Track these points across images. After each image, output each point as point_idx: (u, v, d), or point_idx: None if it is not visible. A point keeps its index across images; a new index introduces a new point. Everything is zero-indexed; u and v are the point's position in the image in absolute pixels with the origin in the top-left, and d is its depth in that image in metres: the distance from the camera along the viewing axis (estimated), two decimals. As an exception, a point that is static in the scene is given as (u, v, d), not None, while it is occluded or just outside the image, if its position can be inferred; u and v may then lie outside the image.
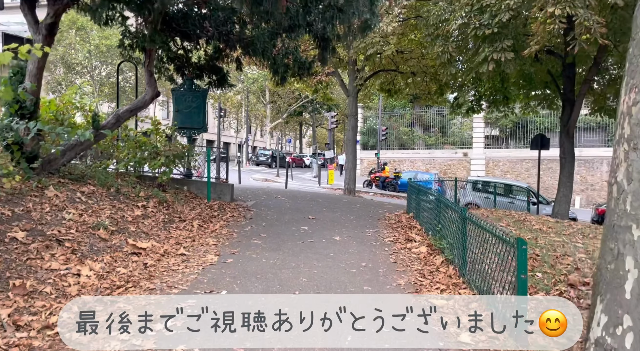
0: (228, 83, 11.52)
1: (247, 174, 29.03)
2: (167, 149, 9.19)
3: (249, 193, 11.62)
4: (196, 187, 10.02)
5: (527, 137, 31.13)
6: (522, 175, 29.80)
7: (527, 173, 29.67)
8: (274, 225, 8.01)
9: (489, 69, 11.11)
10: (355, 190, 17.81)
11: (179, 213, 8.09)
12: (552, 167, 29.08)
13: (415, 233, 7.59)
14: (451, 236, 5.76)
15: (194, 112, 10.48)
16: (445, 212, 6.29)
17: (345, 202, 11.71)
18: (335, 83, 21.22)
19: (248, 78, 37.12)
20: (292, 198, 11.52)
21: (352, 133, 17.91)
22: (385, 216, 9.74)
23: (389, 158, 32.36)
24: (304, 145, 67.01)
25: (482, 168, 30.67)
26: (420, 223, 8.16)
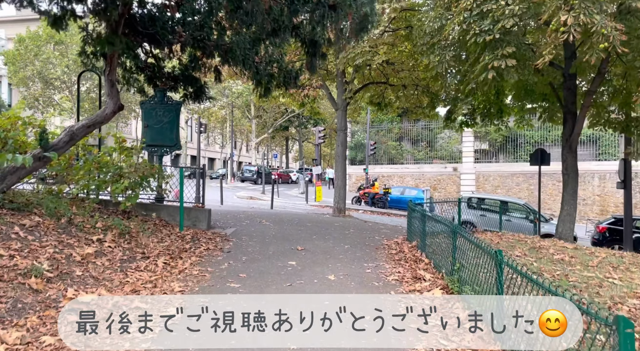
0: (206, 95, 10.27)
1: (231, 192, 27.61)
2: (133, 170, 7.86)
3: (229, 218, 10.29)
4: (168, 213, 8.68)
5: (517, 151, 30.37)
6: (512, 190, 28.91)
7: (518, 188, 28.80)
8: (256, 260, 6.70)
9: (489, 78, 10.07)
10: (345, 208, 16.57)
11: (142, 247, 6.74)
12: (543, 182, 28.23)
13: (422, 268, 6.35)
14: (478, 283, 4.52)
15: (166, 127, 9.19)
16: (467, 249, 5.07)
17: (337, 226, 10.44)
18: (322, 96, 20.12)
19: (232, 92, 35.93)
20: (278, 223, 10.22)
21: (342, 149, 16.74)
22: (383, 244, 8.50)
23: (377, 173, 31.26)
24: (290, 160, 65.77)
25: (473, 183, 29.73)
26: (427, 255, 6.93)
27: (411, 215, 8.66)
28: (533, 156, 15.58)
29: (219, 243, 7.63)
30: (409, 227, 8.90)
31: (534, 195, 28.59)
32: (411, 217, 8.67)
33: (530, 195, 28.35)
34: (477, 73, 10.59)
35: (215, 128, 46.50)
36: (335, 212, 16.27)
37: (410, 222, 8.81)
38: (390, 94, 19.17)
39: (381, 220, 19.29)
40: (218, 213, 10.74)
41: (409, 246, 7.84)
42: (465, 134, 30.28)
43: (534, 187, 28.56)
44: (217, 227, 9.03)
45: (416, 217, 8.18)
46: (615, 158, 27.97)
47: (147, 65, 9.79)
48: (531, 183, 28.55)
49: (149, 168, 8.20)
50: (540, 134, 29.53)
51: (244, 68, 9.27)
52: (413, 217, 8.48)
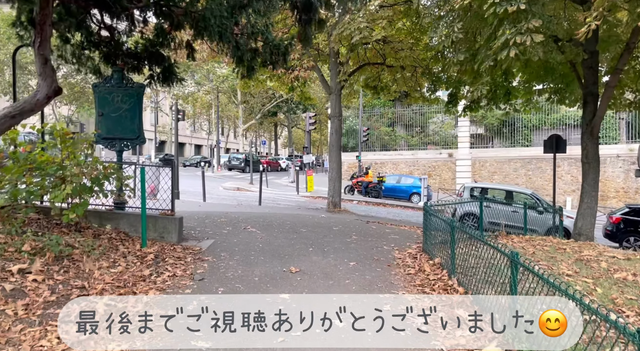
0: (176, 77, 8.37)
1: (217, 182, 25.72)
2: (79, 172, 6.01)
3: (208, 224, 8.47)
4: (129, 223, 6.86)
5: (515, 135, 28.81)
6: (510, 176, 27.44)
7: (515, 174, 27.32)
8: (236, 291, 4.96)
9: (512, 55, 8.35)
10: (340, 202, 14.87)
11: (85, 277, 4.95)
12: (541, 167, 26.79)
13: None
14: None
15: (125, 116, 7.31)
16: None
17: (337, 232, 8.69)
18: (314, 79, 18.22)
19: (217, 77, 33.72)
20: (267, 228, 8.44)
21: (336, 137, 14.95)
22: (395, 257, 6.80)
23: (370, 161, 29.55)
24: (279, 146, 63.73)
25: (469, 169, 28.20)
26: (460, 282, 5.23)
27: (429, 221, 6.95)
28: (547, 142, 13.94)
29: (190, 264, 5.85)
30: (425, 234, 7.20)
31: (532, 182, 27.17)
32: (429, 223, 6.96)
33: (528, 181, 26.92)
34: (495, 50, 8.86)
35: (201, 114, 44.26)
36: (330, 207, 14.57)
37: (427, 229, 7.10)
38: (387, 77, 17.35)
39: (378, 212, 17.65)
40: (194, 217, 8.92)
41: (430, 264, 6.13)
42: (461, 119, 28.62)
43: (532, 173, 27.13)
44: (190, 238, 7.23)
45: (437, 227, 6.46)
46: (616, 142, 26.59)
47: (102, 39, 7.85)
48: (529, 169, 27.10)
49: (104, 169, 6.35)
50: (538, 118, 27.99)
51: (220, 42, 7.39)
52: (432, 225, 6.77)
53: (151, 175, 13.12)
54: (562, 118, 27.81)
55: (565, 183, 26.44)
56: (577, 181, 26.54)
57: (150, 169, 13.16)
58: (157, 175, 13.26)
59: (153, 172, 13.03)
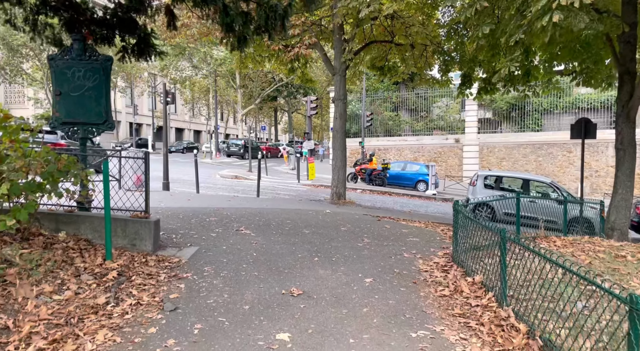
0: (154, 49, 6.91)
1: (214, 169, 24.32)
2: (22, 166, 4.63)
3: (194, 224, 7.09)
4: (93, 228, 5.49)
5: (525, 119, 27.28)
6: (519, 163, 26.03)
7: (525, 160, 25.90)
8: (219, 330, 3.61)
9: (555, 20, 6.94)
10: (345, 193, 13.50)
11: (14, 310, 3.60)
12: (552, 153, 25.34)
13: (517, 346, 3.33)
14: None
15: (90, 96, 5.87)
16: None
17: (345, 233, 7.30)
18: (316, 59, 16.70)
19: (215, 60, 32.06)
20: (263, 230, 7.07)
21: (340, 122, 13.50)
22: (420, 269, 5.45)
23: (373, 147, 28.11)
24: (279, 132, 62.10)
25: (476, 155, 26.76)
26: (515, 312, 3.87)
27: (462, 224, 5.56)
28: (575, 127, 12.48)
29: (163, 284, 4.49)
30: (456, 239, 5.82)
31: (542, 168, 25.74)
32: (462, 227, 5.58)
33: (538, 167, 25.50)
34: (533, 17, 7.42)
35: (199, 99, 42.64)
36: (334, 198, 13.21)
37: (458, 232, 5.73)
38: (395, 56, 15.85)
39: (384, 202, 16.29)
40: (179, 216, 7.53)
41: (467, 282, 4.76)
42: (468, 102, 27.09)
43: (542, 159, 25.69)
44: (170, 245, 5.86)
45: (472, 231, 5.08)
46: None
47: (64, 3, 6.37)
48: (539, 155, 25.65)
49: (57, 161, 4.95)
50: (550, 101, 26.45)
51: (205, 5, 5.94)
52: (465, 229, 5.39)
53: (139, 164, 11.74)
54: (575, 102, 26.27)
55: (578, 170, 24.92)
56: (590, 167, 25.12)
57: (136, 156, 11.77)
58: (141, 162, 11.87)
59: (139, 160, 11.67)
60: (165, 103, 11.95)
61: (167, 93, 11.96)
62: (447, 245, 6.76)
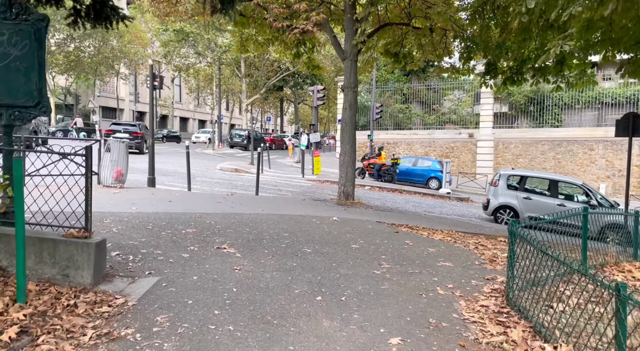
0: (116, 12, 5.25)
1: (215, 161, 22.74)
2: None
3: (164, 239, 5.45)
4: (11, 250, 3.90)
5: (544, 114, 25.36)
6: (537, 160, 24.20)
7: (543, 158, 24.06)
8: None
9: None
10: (354, 192, 11.86)
11: None
12: (572, 150, 23.48)
13: None
14: None
15: (16, 69, 4.25)
16: None
17: (358, 252, 5.65)
18: (324, 43, 14.95)
19: (219, 47, 30.33)
20: (253, 247, 5.45)
21: (350, 113, 11.81)
22: (464, 318, 3.81)
23: (382, 140, 26.36)
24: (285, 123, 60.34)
25: (491, 151, 24.96)
26: None
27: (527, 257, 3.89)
28: (621, 122, 10.69)
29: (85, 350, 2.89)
30: (512, 271, 4.15)
31: (562, 167, 23.90)
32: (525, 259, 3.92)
33: (557, 166, 23.68)
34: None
35: (204, 87, 40.99)
36: (342, 197, 11.57)
37: (517, 264, 4.06)
38: (411, 41, 14.08)
39: (394, 201, 14.64)
40: (147, 226, 5.89)
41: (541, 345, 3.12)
42: (484, 95, 25.23)
43: (562, 157, 23.83)
44: (120, 273, 4.25)
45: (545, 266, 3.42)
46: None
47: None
48: (558, 152, 23.80)
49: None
50: (571, 95, 24.51)
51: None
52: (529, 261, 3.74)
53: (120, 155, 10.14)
54: (598, 96, 24.33)
55: (599, 168, 23.19)
56: (613, 166, 23.26)
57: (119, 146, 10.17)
58: (122, 153, 10.27)
59: (119, 151, 10.06)
60: (151, 87, 10.31)
61: (154, 77, 10.31)
62: (491, 274, 5.11)
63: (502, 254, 6.15)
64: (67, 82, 36.63)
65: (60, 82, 36.82)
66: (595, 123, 24.18)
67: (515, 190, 13.39)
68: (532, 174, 14.40)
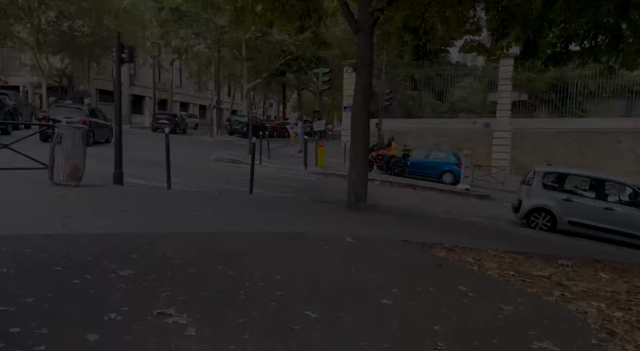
0: None
1: (212, 150, 20.46)
2: None
3: (72, 296, 3.23)
4: None
5: (567, 103, 22.93)
6: (558, 153, 21.81)
7: (566, 150, 21.69)
8: None
9: None
10: (366, 194, 9.58)
11: None
12: (597, 142, 21.13)
13: None
14: None
15: None
16: None
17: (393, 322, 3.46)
18: (332, 12, 12.56)
19: (218, 27, 27.83)
20: (219, 312, 3.25)
21: (363, 97, 9.47)
22: None
23: (391, 129, 24.01)
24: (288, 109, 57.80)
25: (508, 142, 22.63)
26: None
27: None
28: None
29: None
30: None
31: (585, 160, 21.54)
32: None
33: (581, 159, 21.29)
34: None
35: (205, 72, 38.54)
36: (352, 199, 9.26)
37: None
38: (434, 14, 11.67)
39: (410, 201, 12.38)
40: (57, 265, 3.66)
41: None
42: (502, 82, 22.80)
43: (586, 150, 21.49)
44: None
45: None
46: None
47: None
48: (582, 145, 21.44)
49: None
50: (597, 83, 22.04)
51: None
52: None
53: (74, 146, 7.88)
54: (627, 85, 21.85)
55: (628, 163, 20.84)
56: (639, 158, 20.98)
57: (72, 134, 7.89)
58: (78, 143, 8.03)
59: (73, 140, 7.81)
60: (118, 60, 8.01)
61: (121, 48, 8.01)
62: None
63: (617, 313, 3.84)
64: (62, 63, 34.21)
65: (56, 64, 34.41)
66: (623, 114, 21.77)
67: (554, 190, 11.17)
68: (573, 171, 12.10)
